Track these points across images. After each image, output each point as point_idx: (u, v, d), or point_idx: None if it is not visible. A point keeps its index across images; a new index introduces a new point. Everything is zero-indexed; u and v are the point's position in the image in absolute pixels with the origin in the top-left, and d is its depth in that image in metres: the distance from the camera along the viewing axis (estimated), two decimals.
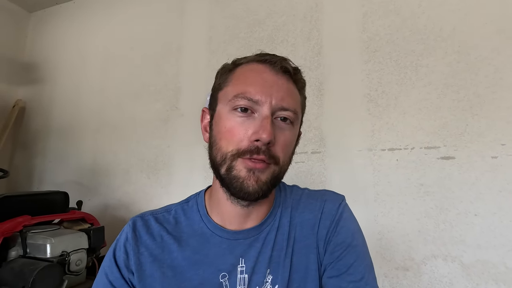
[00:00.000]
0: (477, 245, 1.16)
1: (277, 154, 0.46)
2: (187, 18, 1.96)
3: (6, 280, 1.15)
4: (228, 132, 0.46)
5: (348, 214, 0.54)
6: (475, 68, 1.24)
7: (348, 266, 0.49)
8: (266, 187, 0.46)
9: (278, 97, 0.46)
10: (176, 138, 1.87)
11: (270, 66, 0.48)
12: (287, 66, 0.49)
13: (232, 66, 0.52)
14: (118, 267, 0.50)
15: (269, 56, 0.49)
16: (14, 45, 2.57)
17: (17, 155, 2.49)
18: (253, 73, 0.48)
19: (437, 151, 1.26)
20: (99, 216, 1.73)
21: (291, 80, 0.50)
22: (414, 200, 1.27)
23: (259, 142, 0.44)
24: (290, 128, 0.48)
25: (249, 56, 0.52)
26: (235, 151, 0.45)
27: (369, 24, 1.45)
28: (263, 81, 0.47)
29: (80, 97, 2.29)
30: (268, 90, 0.46)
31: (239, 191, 0.45)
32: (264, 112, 0.45)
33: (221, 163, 0.47)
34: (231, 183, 0.46)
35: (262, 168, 0.45)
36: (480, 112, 1.21)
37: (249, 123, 0.46)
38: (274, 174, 0.47)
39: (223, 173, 0.47)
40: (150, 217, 0.54)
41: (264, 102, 0.45)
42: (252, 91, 0.46)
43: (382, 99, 1.38)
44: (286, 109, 0.47)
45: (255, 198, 0.46)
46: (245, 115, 0.46)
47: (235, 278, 0.48)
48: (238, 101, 0.46)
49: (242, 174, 0.45)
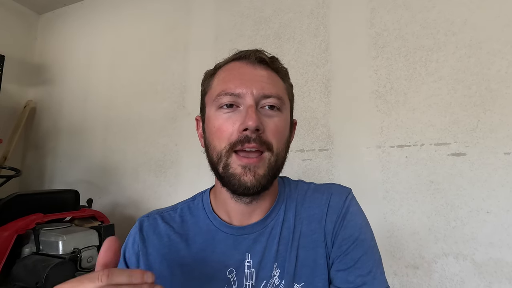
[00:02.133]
0: (490, 243, 1.14)
1: (268, 140, 0.46)
2: (193, 17, 1.97)
3: (20, 276, 1.18)
4: (218, 130, 0.47)
5: (356, 207, 0.53)
6: (487, 62, 1.21)
7: (356, 260, 0.49)
8: (265, 180, 0.46)
9: (258, 87, 0.47)
10: (183, 137, 1.88)
11: (246, 60, 0.50)
12: (262, 56, 0.50)
13: (213, 71, 0.54)
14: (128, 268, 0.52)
15: (244, 52, 0.51)
16: (24, 47, 2.62)
17: (29, 155, 2.55)
18: (231, 71, 0.50)
19: (448, 148, 1.24)
20: (109, 214, 1.76)
21: (270, 69, 0.50)
22: (424, 197, 1.25)
23: (248, 131, 0.45)
24: (278, 115, 0.48)
25: (227, 58, 0.53)
26: (228, 146, 0.46)
27: (377, 19, 1.43)
28: (241, 75, 0.48)
29: (88, 97, 2.32)
30: (248, 82, 0.47)
31: (238, 188, 0.46)
32: (247, 102, 0.46)
33: (217, 161, 0.48)
34: (229, 181, 0.46)
35: (257, 163, 0.45)
36: (492, 107, 1.18)
37: (236, 116, 0.47)
38: (271, 164, 0.47)
39: (221, 172, 0.47)
40: (156, 216, 0.55)
41: (245, 94, 0.46)
42: (232, 86, 0.47)
43: (390, 96, 1.36)
44: (269, 96, 0.47)
45: (254, 192, 0.46)
46: (230, 110, 0.47)
47: (242, 273, 0.49)
48: (221, 98, 0.47)
49: (237, 171, 0.45)
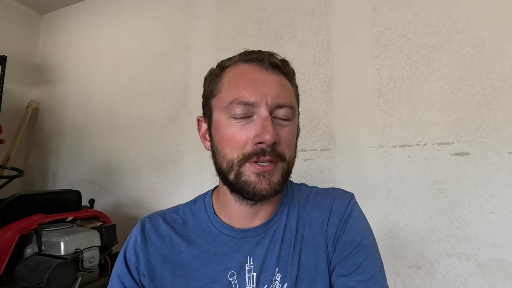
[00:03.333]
0: (493, 243, 1.13)
1: (282, 151, 0.46)
2: (195, 16, 1.96)
3: (23, 276, 1.18)
4: (231, 139, 0.46)
5: (358, 212, 0.53)
6: (491, 61, 1.19)
7: (358, 266, 0.48)
8: (279, 186, 0.47)
9: (272, 95, 0.46)
10: (185, 137, 1.88)
11: (258, 65, 0.48)
12: (275, 60, 0.48)
13: (219, 71, 0.51)
14: (129, 269, 0.51)
15: (256, 54, 0.48)
16: (27, 47, 2.62)
17: (32, 155, 2.56)
18: (244, 75, 0.47)
19: (451, 147, 1.22)
20: (110, 214, 1.76)
21: (281, 74, 0.49)
22: (427, 197, 1.25)
23: (263, 144, 0.44)
24: (290, 124, 0.48)
25: (234, 57, 0.51)
26: (241, 156, 0.45)
27: (379, 18, 1.42)
28: (255, 81, 0.46)
29: (91, 97, 2.33)
30: (262, 90, 0.45)
31: (253, 196, 0.46)
32: (263, 113, 0.45)
33: (228, 170, 0.47)
34: (243, 188, 0.46)
35: (271, 170, 0.45)
36: (496, 106, 1.17)
37: (249, 126, 0.45)
38: (284, 171, 0.47)
39: (232, 179, 0.47)
40: (158, 217, 0.55)
41: (260, 103, 0.45)
42: (247, 95, 0.45)
43: (393, 95, 1.35)
44: (283, 106, 0.46)
45: (268, 198, 0.47)
46: (244, 120, 0.46)
47: (243, 277, 0.48)
48: (234, 107, 0.45)
49: (252, 179, 0.45)
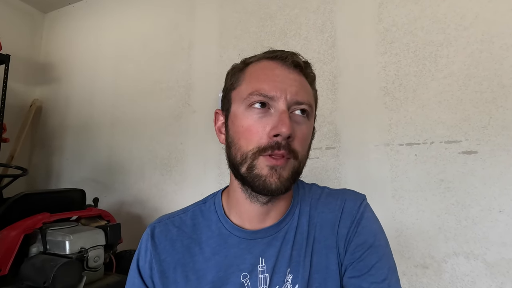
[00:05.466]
0: (502, 242, 1.11)
1: (296, 148, 0.46)
2: (198, 14, 1.95)
3: (28, 275, 1.18)
4: (247, 130, 0.46)
5: (370, 214, 0.52)
6: (499, 57, 1.17)
7: (370, 267, 0.48)
8: (288, 183, 0.46)
9: (292, 92, 0.46)
10: (189, 135, 1.87)
11: (281, 62, 0.48)
12: (298, 60, 0.49)
13: (242, 66, 0.52)
14: (142, 278, 0.51)
15: (279, 52, 0.49)
16: (30, 46, 2.62)
17: (35, 154, 2.56)
18: (265, 71, 0.48)
19: (459, 146, 1.21)
20: (114, 213, 1.76)
21: (302, 74, 0.50)
22: (434, 196, 1.23)
23: (279, 137, 0.44)
24: (306, 122, 0.48)
25: (258, 54, 0.52)
26: (255, 149, 0.45)
27: (385, 14, 1.40)
28: (276, 77, 0.47)
29: (94, 95, 2.33)
30: (282, 86, 0.46)
31: (262, 189, 0.45)
32: (281, 107, 0.45)
33: (241, 162, 0.47)
34: (253, 181, 0.46)
35: (283, 165, 0.45)
36: (505, 103, 1.15)
37: (267, 119, 0.45)
38: (294, 169, 0.47)
39: (244, 172, 0.46)
40: (167, 221, 0.55)
41: (279, 98, 0.45)
42: (266, 88, 0.46)
43: (399, 92, 1.34)
44: (301, 103, 0.47)
45: (278, 194, 0.46)
46: (261, 112, 0.46)
47: (256, 278, 0.48)
48: (254, 98, 0.46)
49: (264, 172, 0.45)
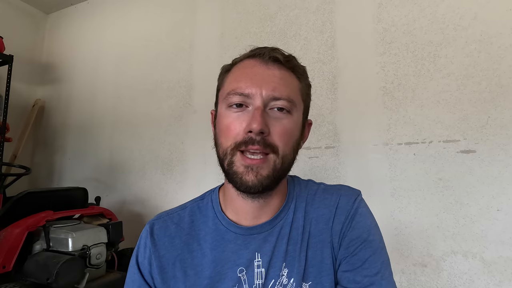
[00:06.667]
0: (500, 241, 1.12)
1: (274, 143, 0.46)
2: (199, 14, 1.97)
3: (32, 272, 1.20)
4: (226, 128, 0.48)
5: (364, 209, 0.53)
6: (498, 57, 1.18)
7: (363, 261, 0.49)
8: (268, 180, 0.46)
9: (268, 88, 0.47)
10: (190, 135, 1.88)
11: (260, 59, 0.49)
12: (276, 55, 0.49)
13: (229, 67, 0.54)
14: (142, 274, 0.52)
15: (258, 49, 0.50)
16: (32, 47, 2.65)
17: (38, 153, 2.59)
18: (245, 69, 0.50)
19: (457, 145, 1.22)
20: (116, 212, 1.78)
21: (285, 68, 0.50)
22: (433, 195, 1.24)
23: (252, 133, 0.45)
24: (287, 117, 0.48)
25: (244, 54, 0.53)
26: (233, 145, 0.47)
27: (384, 15, 1.41)
28: (253, 74, 0.48)
29: (96, 95, 2.35)
30: (258, 83, 0.47)
31: (240, 186, 0.47)
32: (256, 103, 0.47)
33: (223, 158, 0.49)
34: (232, 178, 0.47)
35: (260, 163, 0.46)
36: (503, 103, 1.16)
37: (244, 117, 0.47)
38: (276, 166, 0.47)
39: (226, 169, 0.48)
40: (166, 218, 0.56)
41: (254, 95, 0.47)
42: (243, 86, 0.47)
43: (398, 92, 1.35)
44: (278, 98, 0.47)
45: (256, 191, 0.47)
46: (239, 110, 0.47)
47: (252, 272, 0.49)
48: (231, 97, 0.48)
49: (240, 170, 0.46)
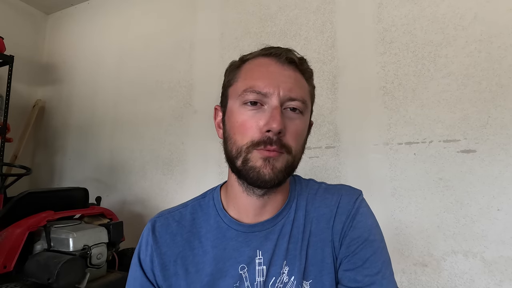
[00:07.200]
0: (501, 241, 1.12)
1: (288, 143, 0.47)
2: (200, 15, 1.97)
3: (33, 272, 1.20)
4: (241, 126, 0.48)
5: (365, 209, 0.54)
6: (498, 57, 1.18)
7: (364, 260, 0.49)
8: (281, 175, 0.47)
9: (285, 88, 0.47)
10: (190, 135, 1.89)
11: (276, 59, 0.50)
12: (292, 56, 0.50)
13: (239, 63, 0.54)
14: (144, 271, 0.53)
15: (274, 49, 0.51)
16: (33, 47, 2.65)
17: (38, 153, 2.59)
18: (260, 67, 0.50)
19: (457, 145, 1.22)
20: (117, 212, 1.78)
21: (298, 70, 0.50)
22: (433, 194, 1.24)
23: (271, 133, 0.45)
24: (299, 117, 0.49)
25: (255, 52, 0.53)
26: (249, 143, 0.47)
27: (384, 15, 1.41)
28: (270, 73, 0.48)
29: (96, 96, 2.35)
30: (275, 82, 0.47)
31: (256, 180, 0.47)
32: (273, 103, 0.47)
33: (236, 155, 0.48)
34: (248, 173, 0.47)
35: (276, 156, 0.47)
36: (503, 103, 1.16)
37: (260, 115, 0.47)
38: (288, 162, 0.48)
39: (239, 165, 0.48)
40: (168, 216, 0.56)
41: (272, 94, 0.47)
42: (260, 85, 0.47)
43: (398, 92, 1.35)
44: (294, 99, 0.48)
45: (271, 185, 0.47)
46: (255, 108, 0.47)
47: (253, 270, 0.50)
48: (248, 95, 0.48)
49: (258, 164, 0.46)
